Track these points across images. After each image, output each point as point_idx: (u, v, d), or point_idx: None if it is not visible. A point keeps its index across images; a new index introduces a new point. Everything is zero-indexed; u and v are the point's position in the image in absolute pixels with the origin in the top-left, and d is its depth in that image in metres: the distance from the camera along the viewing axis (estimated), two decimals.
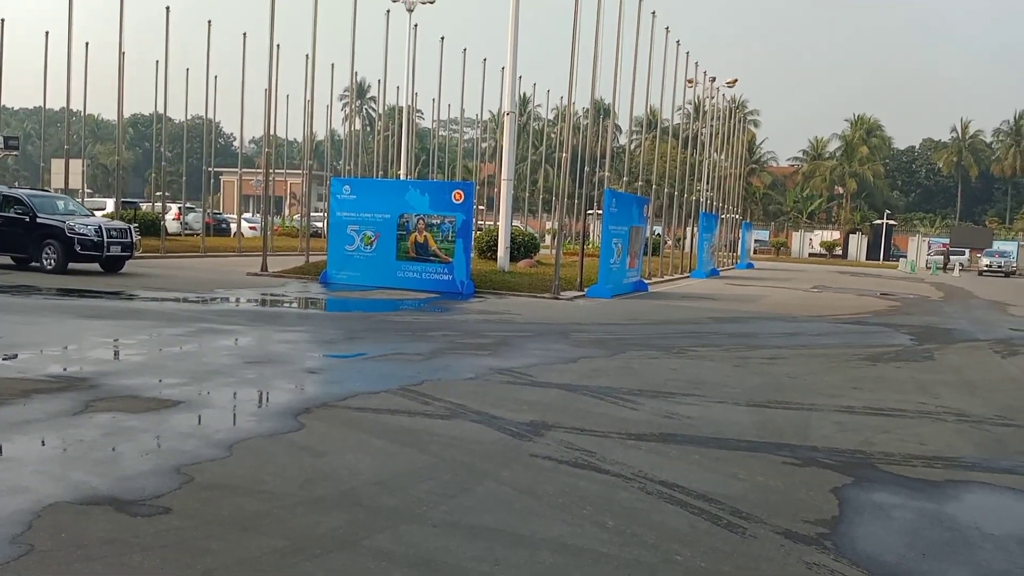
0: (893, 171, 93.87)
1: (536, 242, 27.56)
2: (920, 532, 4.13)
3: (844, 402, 7.28)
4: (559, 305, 15.57)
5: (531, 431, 5.67)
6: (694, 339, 11.47)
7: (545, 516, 4.06)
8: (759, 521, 4.13)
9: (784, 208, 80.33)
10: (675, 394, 7.29)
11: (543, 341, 10.35)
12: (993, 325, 15.70)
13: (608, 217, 18.51)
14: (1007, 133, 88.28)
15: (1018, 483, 5.08)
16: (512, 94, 20.56)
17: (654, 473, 4.84)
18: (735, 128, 45.76)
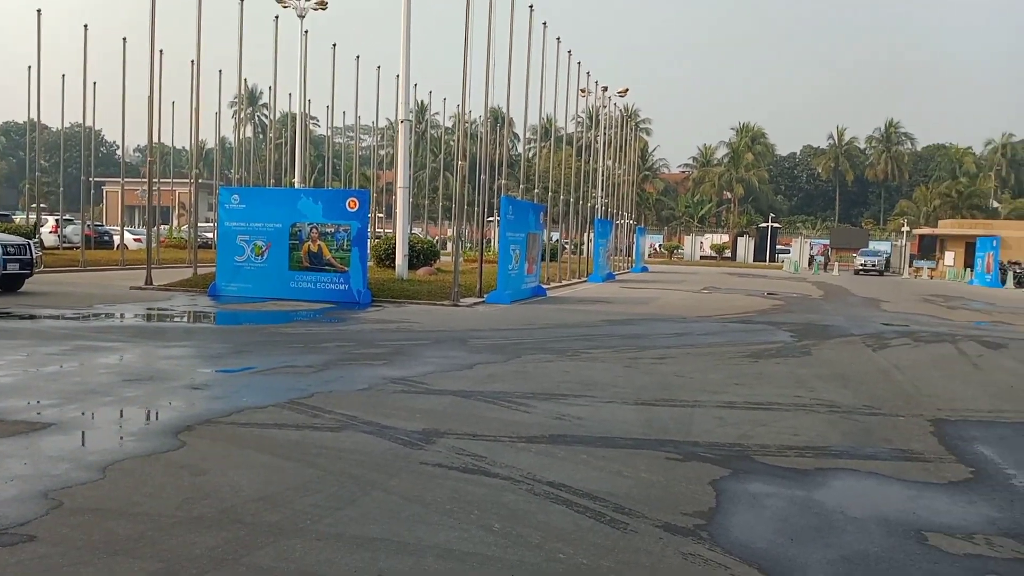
0: (777, 176, 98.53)
1: (435, 249, 27.50)
2: (790, 519, 4.35)
3: (726, 398, 7.59)
4: (458, 312, 15.58)
5: (422, 439, 5.66)
6: (588, 342, 11.70)
7: (432, 523, 4.06)
8: (640, 516, 4.26)
9: (676, 213, 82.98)
10: (567, 396, 7.42)
11: (440, 348, 10.33)
12: (867, 321, 16.70)
13: (505, 224, 18.67)
14: (879, 140, 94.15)
15: (880, 468, 5.43)
16: (406, 102, 20.46)
17: (542, 474, 4.92)
18: (628, 136, 47.01)
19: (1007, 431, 6.72)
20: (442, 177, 48.87)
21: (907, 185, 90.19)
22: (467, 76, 17.94)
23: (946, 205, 75.65)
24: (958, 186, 79.20)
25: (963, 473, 5.35)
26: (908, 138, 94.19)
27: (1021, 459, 5.77)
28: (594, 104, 36.25)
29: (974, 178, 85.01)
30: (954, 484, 5.10)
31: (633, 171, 52.30)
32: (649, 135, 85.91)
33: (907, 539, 4.10)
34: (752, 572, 3.61)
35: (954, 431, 6.56)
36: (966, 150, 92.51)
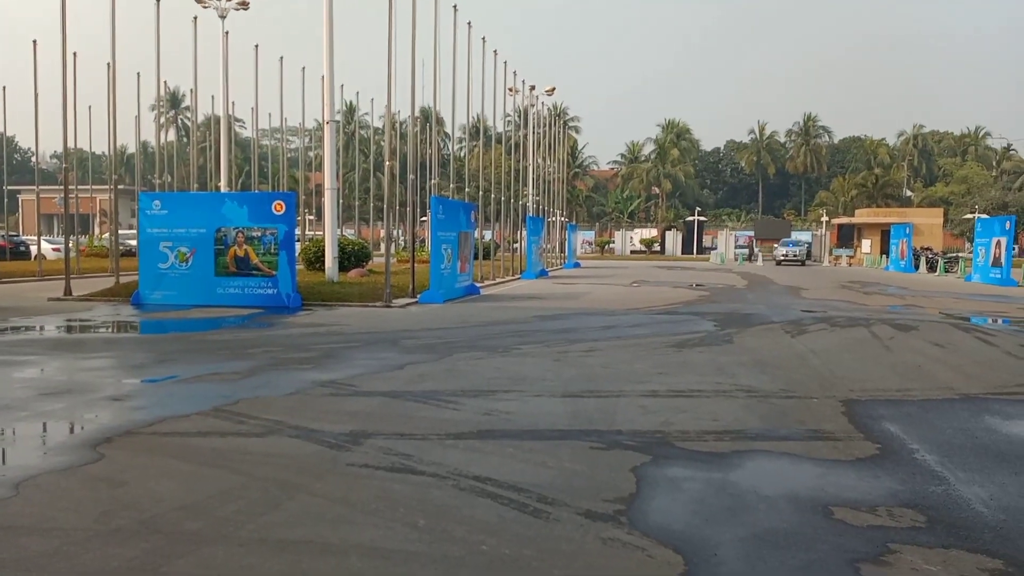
0: (702, 171, 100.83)
1: (367, 251, 27.30)
2: (706, 500, 4.52)
3: (650, 387, 7.80)
4: (390, 313, 15.52)
5: (350, 441, 5.66)
6: (519, 338, 11.81)
7: (357, 523, 4.09)
8: (563, 504, 4.37)
9: (607, 209, 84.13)
10: (496, 392, 7.51)
11: (371, 350, 10.30)
12: (787, 308, 17.28)
13: (436, 223, 18.67)
14: (798, 134, 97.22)
15: (793, 448, 5.67)
16: (331, 103, 20.25)
17: (469, 469, 4.99)
18: (557, 134, 47.46)
19: (913, 408, 7.07)
20: (373, 178, 48.47)
21: (826, 176, 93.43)
22: (391, 76, 17.88)
23: (862, 195, 78.67)
24: (873, 176, 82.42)
25: (870, 450, 5.63)
26: (826, 131, 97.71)
27: (925, 434, 6.09)
28: (522, 103, 36.51)
29: (888, 168, 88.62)
30: (861, 461, 5.36)
31: (563, 169, 52.84)
32: (578, 133, 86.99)
33: (815, 514, 4.31)
34: (667, 553, 3.76)
35: (863, 410, 6.88)
36: (880, 142, 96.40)
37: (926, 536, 4.00)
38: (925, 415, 6.77)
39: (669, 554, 3.75)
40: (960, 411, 6.92)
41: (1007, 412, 6.90)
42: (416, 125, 25.64)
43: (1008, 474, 5.06)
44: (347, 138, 48.29)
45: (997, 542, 3.93)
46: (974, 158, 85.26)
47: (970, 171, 76.59)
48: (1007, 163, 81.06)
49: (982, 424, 6.42)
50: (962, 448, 5.67)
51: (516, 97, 33.93)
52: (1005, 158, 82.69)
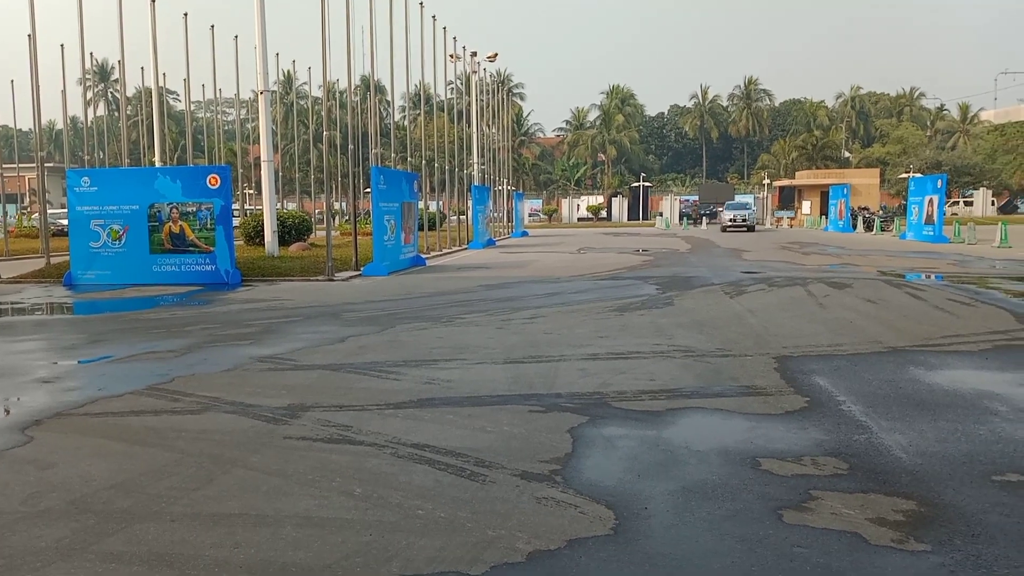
0: (647, 137, 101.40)
1: (308, 224, 26.91)
2: (639, 457, 4.63)
3: (590, 350, 7.90)
4: (333, 287, 15.37)
5: (288, 414, 5.63)
6: (463, 307, 11.83)
7: (292, 494, 4.09)
8: (500, 467, 4.43)
9: (553, 177, 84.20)
10: (438, 361, 7.53)
11: (312, 324, 10.21)
12: (728, 270, 17.61)
13: (378, 194, 18.46)
14: (739, 97, 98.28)
15: (726, 404, 5.83)
16: (265, 72, 19.75)
17: (407, 437, 5.02)
18: (502, 102, 47.17)
19: (843, 363, 7.31)
20: (314, 149, 47.55)
21: (767, 139, 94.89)
22: (326, 43, 17.50)
23: (803, 157, 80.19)
24: (813, 138, 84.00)
25: (799, 403, 5.81)
26: (767, 94, 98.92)
27: (852, 387, 6.31)
28: (465, 70, 36.16)
29: (827, 130, 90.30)
30: (790, 414, 5.54)
31: (509, 137, 52.63)
32: (523, 100, 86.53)
33: (743, 466, 4.45)
34: (599, 508, 3.85)
35: (795, 366, 7.09)
36: (819, 104, 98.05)
37: (847, 482, 4.17)
38: (853, 368, 7.00)
39: (601, 510, 3.84)
40: (887, 364, 7.18)
41: (930, 363, 7.18)
42: (356, 94, 25.21)
43: (927, 421, 5.28)
44: (286, 109, 47.22)
45: (912, 485, 4.12)
46: (909, 119, 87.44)
47: (905, 131, 78.61)
48: (940, 123, 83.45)
49: (906, 375, 6.68)
50: (886, 398, 5.89)
51: (458, 64, 33.59)
52: (939, 118, 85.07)
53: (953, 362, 7.25)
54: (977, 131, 74.75)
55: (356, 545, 3.47)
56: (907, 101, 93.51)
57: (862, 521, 3.66)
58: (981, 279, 14.81)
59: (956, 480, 4.16)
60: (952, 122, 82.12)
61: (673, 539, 3.52)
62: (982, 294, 12.37)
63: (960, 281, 14.38)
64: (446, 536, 3.55)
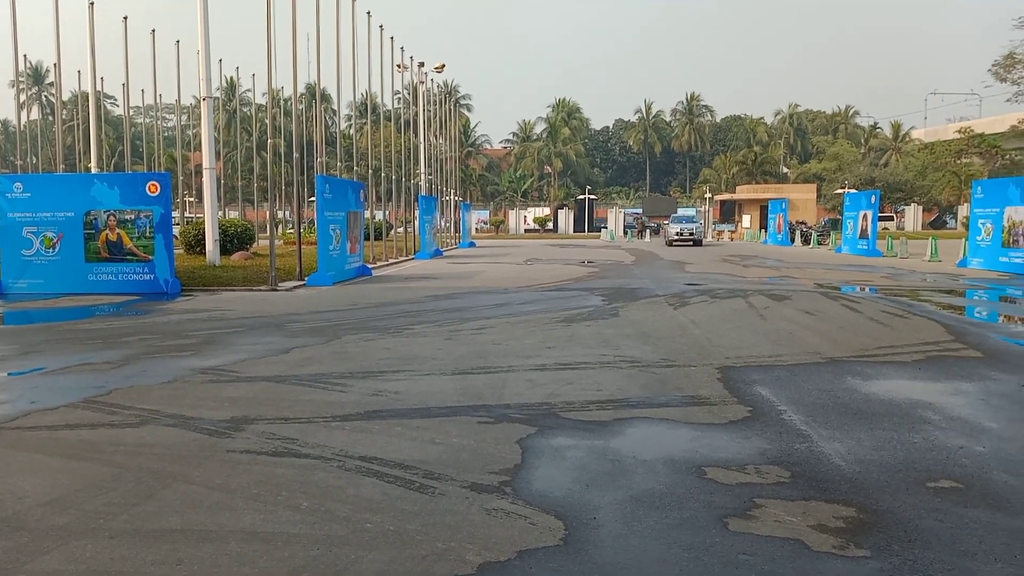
0: (592, 150, 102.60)
1: (251, 233, 26.46)
2: (587, 467, 4.66)
3: (538, 361, 7.94)
4: (276, 297, 15.13)
5: (231, 427, 5.51)
6: (411, 318, 11.76)
7: (237, 508, 4.00)
8: (449, 479, 4.42)
9: (500, 188, 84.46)
10: (385, 372, 7.47)
11: (255, 335, 10.02)
12: (671, 282, 17.90)
13: (323, 203, 18.26)
14: (682, 113, 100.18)
15: (671, 414, 5.91)
16: (208, 78, 19.39)
17: (355, 450, 4.96)
18: (449, 112, 47.19)
19: (783, 373, 7.49)
20: (257, 157, 46.78)
21: (709, 154, 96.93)
22: (271, 49, 17.28)
23: (743, 172, 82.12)
24: (752, 154, 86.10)
25: (742, 413, 5.93)
26: (708, 110, 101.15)
27: (793, 396, 6.46)
28: (412, 80, 36.07)
29: (766, 146, 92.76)
30: (733, 423, 5.65)
31: (456, 147, 52.65)
32: (470, 111, 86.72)
33: (689, 475, 4.52)
34: (549, 519, 3.86)
35: (738, 376, 7.24)
36: (759, 120, 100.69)
37: (789, 490, 4.27)
38: (793, 379, 7.18)
39: (551, 520, 3.85)
40: (825, 374, 7.37)
41: (866, 373, 7.41)
42: (301, 102, 24.92)
43: (864, 430, 5.44)
44: (228, 116, 46.38)
45: (852, 492, 4.24)
46: (844, 136, 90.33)
47: (841, 148, 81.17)
48: (874, 140, 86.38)
49: (844, 385, 6.87)
50: (825, 408, 6.05)
51: (405, 74, 33.50)
52: (872, 136, 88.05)
53: (888, 372, 7.49)
54: (908, 149, 77.53)
55: (304, 560, 3.41)
56: (842, 119, 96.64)
57: (804, 528, 3.75)
58: (913, 292, 15.34)
59: (893, 487, 4.30)
60: (885, 140, 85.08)
61: (622, 548, 3.55)
62: (914, 306, 12.81)
63: (893, 294, 14.87)
64: (395, 549, 3.52)
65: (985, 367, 7.63)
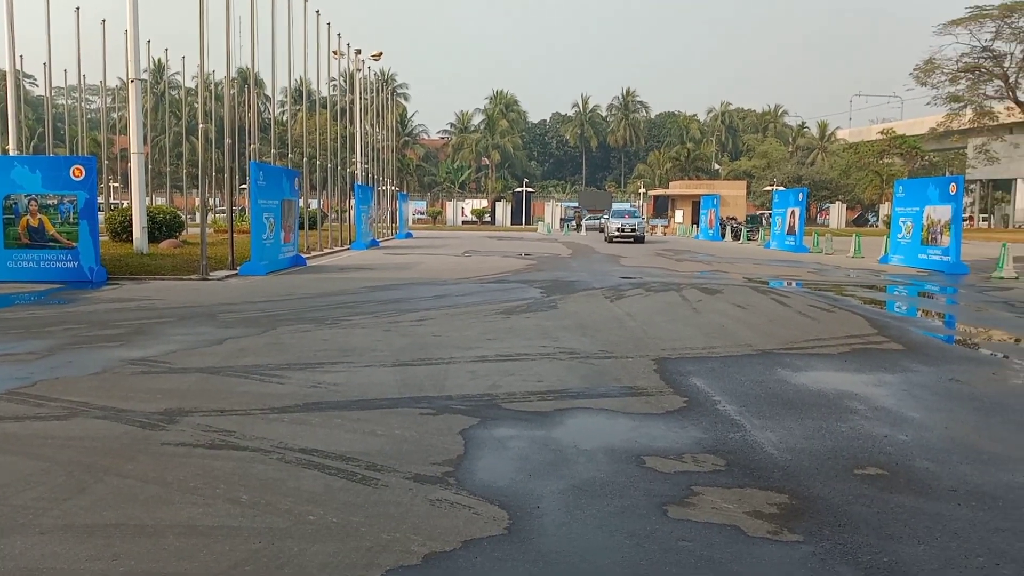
0: (529, 143, 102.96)
1: (180, 220, 25.71)
2: (530, 457, 4.71)
3: (479, 353, 7.96)
4: (208, 286, 14.75)
5: (164, 420, 5.38)
6: (348, 309, 11.63)
7: (174, 502, 3.91)
8: (392, 471, 4.40)
9: (438, 179, 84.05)
10: (324, 364, 7.38)
11: (186, 325, 9.77)
12: (607, 275, 18.14)
13: (257, 191, 17.87)
14: (618, 108, 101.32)
15: (610, 405, 6.01)
16: (137, 59, 18.72)
17: (294, 442, 4.90)
18: (386, 101, 46.67)
19: (717, 364, 7.68)
20: (186, 142, 45.47)
21: (644, 150, 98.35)
22: (204, 32, 16.78)
23: (676, 168, 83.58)
24: (685, 150, 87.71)
25: (678, 403, 6.07)
26: (643, 106, 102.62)
27: (726, 387, 6.64)
28: (348, 67, 35.53)
29: (699, 143, 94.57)
30: (670, 413, 5.78)
31: (393, 137, 52.13)
32: (408, 101, 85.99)
33: (628, 464, 4.61)
34: (492, 509, 3.89)
35: (673, 367, 7.40)
36: (692, 117, 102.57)
37: (725, 478, 4.40)
38: (727, 370, 7.38)
39: (495, 510, 3.88)
40: (757, 365, 7.60)
41: (796, 365, 7.66)
42: (233, 86, 24.28)
43: (794, 419, 5.64)
44: (156, 99, 44.89)
45: (784, 479, 4.39)
46: (773, 134, 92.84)
47: (770, 147, 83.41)
48: (801, 140, 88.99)
49: (775, 376, 7.10)
50: (757, 398, 6.24)
51: (341, 61, 32.97)
52: (799, 135, 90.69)
53: (816, 364, 7.76)
54: (833, 148, 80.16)
55: (245, 553, 3.36)
56: (771, 118, 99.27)
57: (740, 515, 3.87)
58: (838, 287, 15.91)
59: (823, 474, 4.47)
60: (811, 139, 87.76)
61: (565, 537, 3.61)
62: (840, 301, 13.29)
63: (820, 289, 15.40)
64: (339, 541, 3.50)
65: (906, 359, 7.98)
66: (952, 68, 52.46)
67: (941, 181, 22.20)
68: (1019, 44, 50.32)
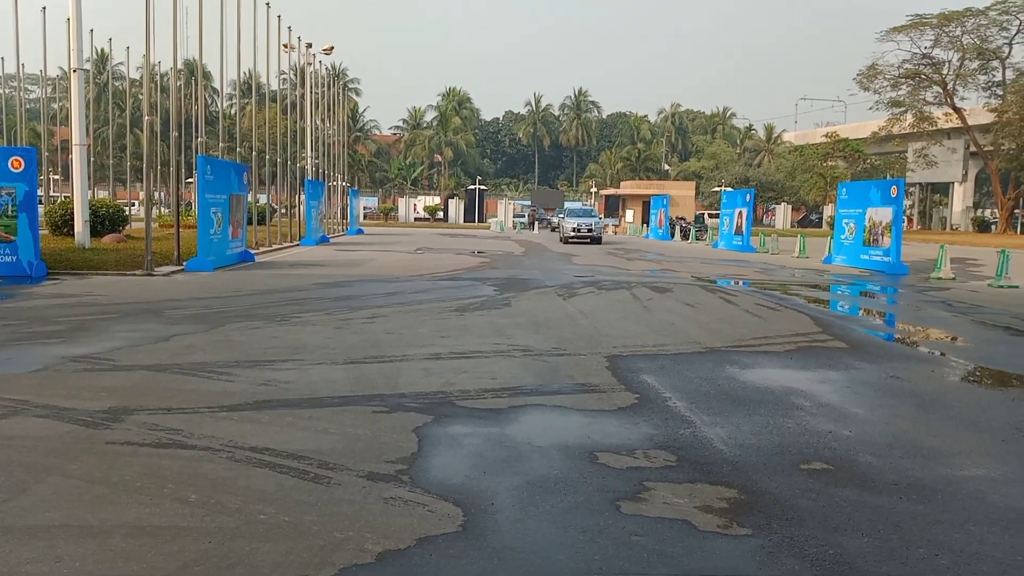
0: (483, 140, 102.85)
1: (124, 214, 25.07)
2: (484, 454, 4.72)
3: (433, 350, 7.94)
4: (153, 282, 14.42)
5: (109, 418, 5.24)
6: (298, 306, 11.48)
7: (120, 502, 3.82)
8: (345, 469, 4.37)
9: (390, 175, 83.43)
10: (274, 361, 7.27)
11: (131, 322, 9.53)
12: (560, 273, 18.24)
13: (204, 185, 17.50)
14: (570, 107, 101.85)
15: (564, 401, 6.05)
16: (79, 49, 18.16)
17: (244, 441, 4.82)
18: (337, 96, 46.12)
19: (667, 362, 7.79)
20: (130, 134, 44.28)
21: (595, 149, 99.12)
22: (150, 22, 16.37)
23: (627, 168, 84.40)
24: (636, 151, 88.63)
25: (630, 400, 6.15)
26: (595, 106, 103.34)
27: (676, 384, 6.74)
28: (299, 61, 35.03)
29: (649, 143, 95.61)
30: (622, 409, 5.85)
31: (344, 132, 51.55)
32: (359, 96, 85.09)
33: (582, 460, 4.65)
34: (447, 506, 3.89)
35: (625, 365, 7.48)
36: (643, 118, 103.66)
37: (676, 473, 4.47)
38: (677, 367, 7.49)
39: (449, 507, 3.88)
40: (706, 363, 7.73)
41: (744, 362, 7.81)
42: (180, 78, 23.74)
43: (743, 415, 5.75)
44: (99, 89, 43.67)
45: (733, 474, 4.48)
46: (722, 136, 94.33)
47: (718, 148, 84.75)
48: (749, 142, 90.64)
49: (723, 373, 7.23)
50: (707, 395, 6.35)
51: (292, 54, 32.47)
52: (747, 137, 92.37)
53: (763, 361, 7.93)
54: (779, 151, 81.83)
55: (194, 553, 3.30)
56: (720, 120, 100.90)
57: (691, 509, 3.94)
58: (784, 286, 16.26)
59: (770, 469, 4.58)
60: (759, 141, 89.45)
61: (520, 533, 3.63)
62: (785, 300, 13.59)
63: (766, 288, 15.72)
64: (291, 540, 3.46)
65: (850, 357, 8.20)
66: (894, 74, 54.14)
67: (883, 184, 22.84)
68: (956, 52, 52.11)
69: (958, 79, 52.82)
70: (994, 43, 51.08)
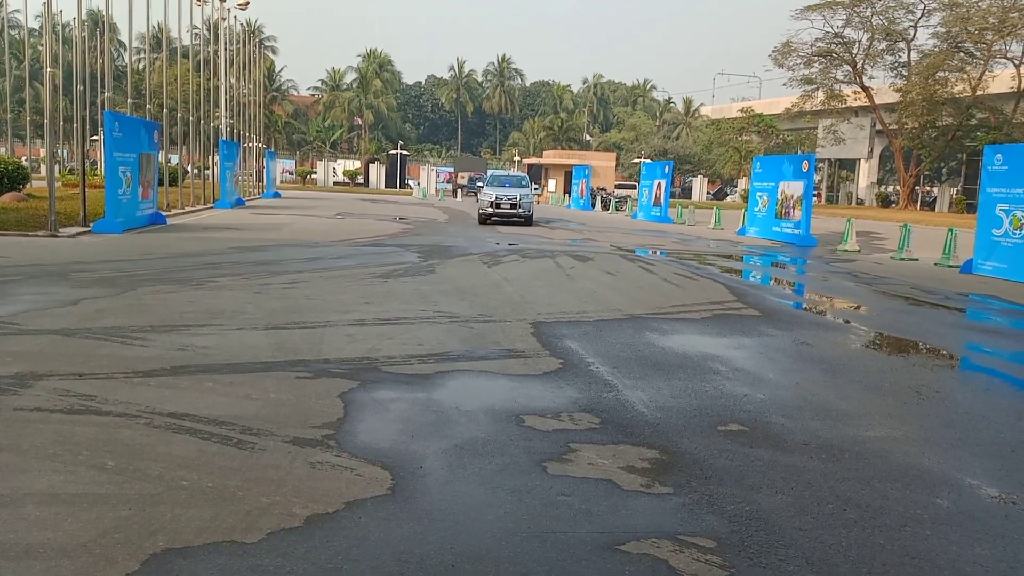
0: (404, 105, 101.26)
1: (25, 172, 23.71)
2: (412, 419, 4.72)
3: (357, 316, 7.85)
4: (57, 243, 13.74)
5: (17, 383, 5.01)
6: (214, 270, 11.14)
7: (31, 470, 3.67)
8: (269, 434, 4.30)
9: (308, 138, 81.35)
10: (191, 326, 7.06)
11: (35, 284, 9.08)
12: (484, 241, 18.24)
13: (112, 143, 16.69)
14: (494, 74, 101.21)
15: (490, 367, 6.10)
16: None
17: (163, 407, 4.69)
18: (252, 54, 44.48)
19: (590, 328, 7.93)
20: (29, 88, 41.68)
21: (519, 118, 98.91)
22: None
23: (550, 137, 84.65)
24: (559, 120, 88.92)
25: (555, 365, 6.24)
26: (519, 74, 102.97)
27: (599, 350, 6.87)
28: (212, 16, 33.57)
29: (572, 113, 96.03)
30: (547, 374, 5.93)
31: (260, 92, 49.89)
32: (276, 54, 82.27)
33: (508, 423, 4.71)
34: (375, 470, 3.89)
35: (549, 331, 7.58)
36: (566, 87, 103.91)
37: (600, 435, 4.58)
38: (599, 333, 7.63)
39: (377, 471, 3.88)
40: (627, 329, 7.90)
41: (663, 329, 8.02)
42: (84, 30, 22.43)
43: (663, 380, 5.92)
44: None
45: (654, 436, 4.62)
46: (642, 108, 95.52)
47: (638, 120, 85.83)
48: (668, 114, 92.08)
49: (644, 339, 7.41)
50: (628, 360, 6.50)
51: (204, 8, 31.08)
52: (666, 110, 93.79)
53: (681, 328, 8.16)
54: (697, 124, 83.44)
55: (113, 520, 3.21)
56: (640, 92, 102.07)
57: (615, 469, 4.05)
58: (700, 256, 16.71)
59: (690, 431, 4.74)
60: (677, 114, 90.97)
61: (449, 495, 3.66)
62: (701, 269, 13.97)
63: (683, 257, 16.12)
64: (216, 506, 3.40)
65: (763, 324, 8.52)
66: (807, 52, 55.69)
67: (795, 159, 23.61)
68: (866, 33, 53.99)
69: (867, 59, 54.78)
70: (901, 25, 53.09)
